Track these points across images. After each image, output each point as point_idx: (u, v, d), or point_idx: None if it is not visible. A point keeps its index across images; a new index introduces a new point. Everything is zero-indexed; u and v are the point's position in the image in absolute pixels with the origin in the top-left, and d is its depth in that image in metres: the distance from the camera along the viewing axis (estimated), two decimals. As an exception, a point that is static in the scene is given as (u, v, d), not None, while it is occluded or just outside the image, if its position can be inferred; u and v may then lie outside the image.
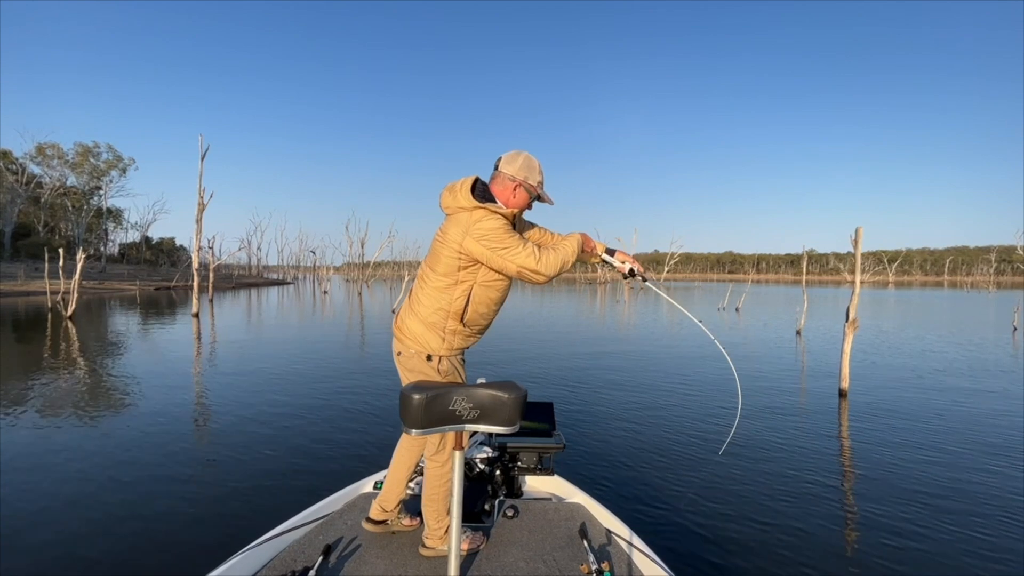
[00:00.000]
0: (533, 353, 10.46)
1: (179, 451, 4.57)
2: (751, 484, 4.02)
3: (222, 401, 6.35)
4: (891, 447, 4.97)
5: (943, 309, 25.66)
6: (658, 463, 4.47)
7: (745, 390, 7.18)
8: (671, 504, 3.66)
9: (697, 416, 5.96)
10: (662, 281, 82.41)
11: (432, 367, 1.96)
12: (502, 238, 1.84)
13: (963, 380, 8.26)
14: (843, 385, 7.05)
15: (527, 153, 2.01)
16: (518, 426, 1.50)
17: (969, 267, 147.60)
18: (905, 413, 6.19)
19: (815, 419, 5.92)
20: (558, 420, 2.92)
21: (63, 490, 3.74)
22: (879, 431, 5.48)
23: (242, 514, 3.39)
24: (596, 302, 29.67)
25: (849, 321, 7.16)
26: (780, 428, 5.51)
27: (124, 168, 57.05)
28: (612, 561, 2.01)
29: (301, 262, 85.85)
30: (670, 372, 8.67)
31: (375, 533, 2.18)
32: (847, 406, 6.52)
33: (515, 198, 2.00)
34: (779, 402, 6.68)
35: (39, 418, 5.52)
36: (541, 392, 6.95)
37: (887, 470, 4.40)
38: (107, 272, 44.64)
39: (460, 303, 1.94)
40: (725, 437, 5.14)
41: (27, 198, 48.35)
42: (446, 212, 1.99)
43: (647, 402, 6.59)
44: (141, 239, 64.59)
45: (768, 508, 3.61)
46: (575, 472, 4.08)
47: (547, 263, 1.86)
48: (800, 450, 4.84)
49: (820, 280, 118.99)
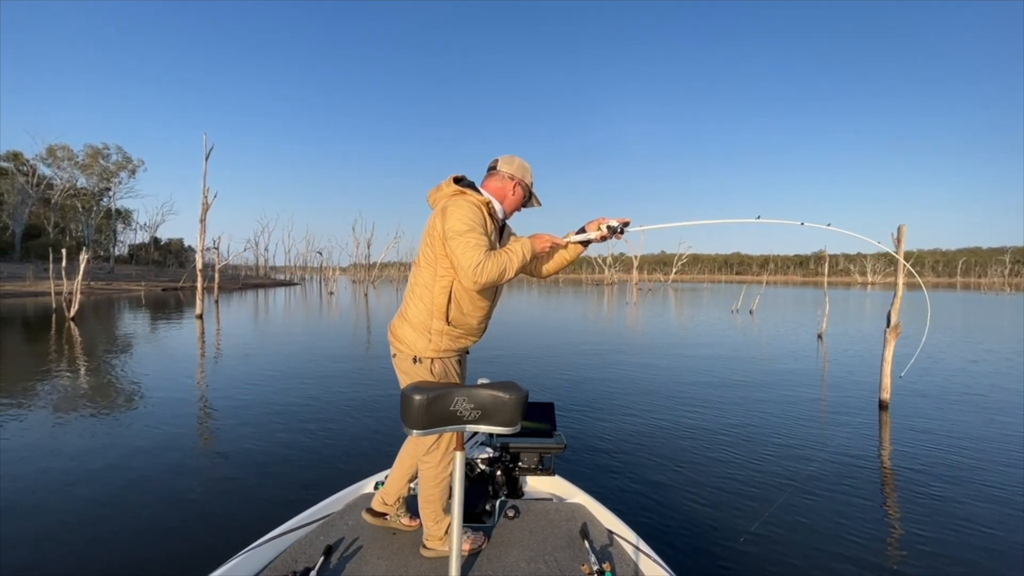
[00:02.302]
0: (535, 354, 10.44)
1: (179, 453, 4.56)
2: (755, 487, 3.98)
3: (222, 403, 6.33)
4: (934, 467, 4.44)
5: (966, 312, 25.00)
6: (659, 463, 4.44)
7: (765, 396, 6.97)
8: (673, 504, 3.64)
9: (699, 416, 5.91)
10: (670, 282, 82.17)
11: (422, 369, 1.96)
12: (462, 228, 1.83)
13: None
14: (883, 396, 6.44)
15: (521, 158, 2.12)
16: (519, 426, 1.51)
17: (983, 268, 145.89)
18: (957, 432, 5.44)
19: (848, 430, 5.48)
20: (559, 420, 2.92)
21: (61, 491, 3.72)
22: (921, 448, 4.96)
23: (243, 514, 3.39)
24: (603, 303, 29.46)
25: (891, 326, 6.54)
26: (799, 435, 5.33)
27: (133, 169, 57.73)
28: (613, 561, 2.00)
29: (308, 263, 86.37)
30: (673, 372, 8.61)
31: (376, 534, 2.17)
32: (888, 420, 5.94)
33: (513, 194, 2.08)
34: (802, 410, 6.32)
35: (35, 420, 5.49)
36: (542, 392, 6.93)
37: (923, 487, 4.01)
38: (115, 273, 45.05)
39: (442, 300, 1.93)
40: (727, 437, 5.11)
41: (38, 199, 48.90)
42: (432, 206, 2.05)
43: (648, 402, 6.54)
44: (150, 240, 65.15)
45: (771, 511, 3.57)
46: (576, 472, 4.06)
47: (486, 268, 1.80)
48: (818, 457, 4.70)
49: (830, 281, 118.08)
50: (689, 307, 27.06)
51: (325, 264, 68.83)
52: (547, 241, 2.05)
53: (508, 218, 2.15)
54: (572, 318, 19.38)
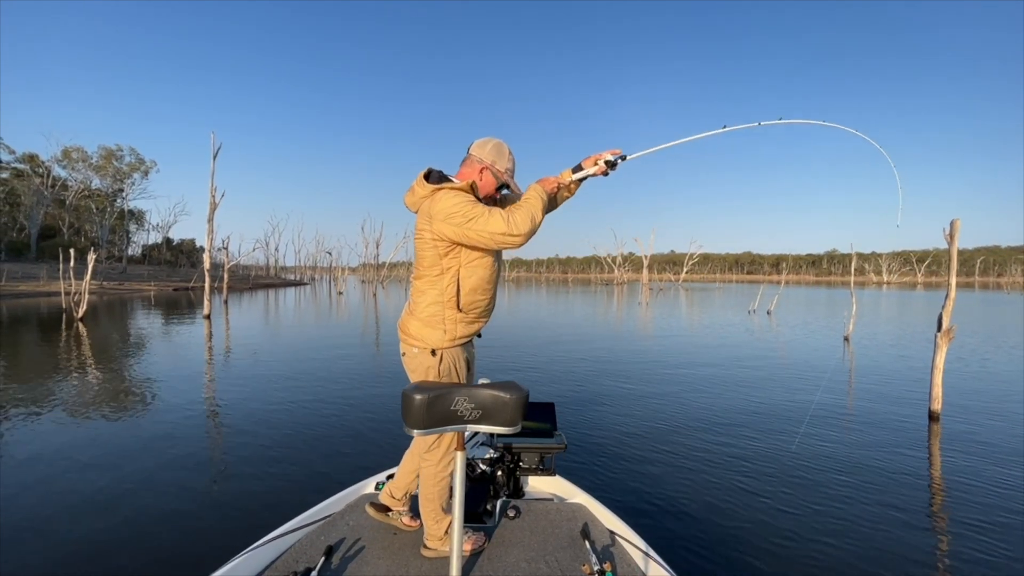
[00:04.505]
0: (537, 354, 10.37)
1: (179, 453, 4.54)
2: (760, 490, 3.92)
3: (223, 403, 6.32)
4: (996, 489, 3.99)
5: (999, 313, 23.03)
6: (660, 464, 4.40)
7: (784, 400, 6.73)
8: (674, 505, 3.60)
9: (700, 417, 5.85)
10: (681, 282, 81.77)
11: (436, 361, 1.98)
12: (466, 211, 1.83)
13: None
14: (934, 407, 5.94)
15: (499, 140, 2.04)
16: (519, 426, 1.51)
17: (1001, 268, 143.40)
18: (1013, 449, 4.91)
19: (890, 437, 5.18)
20: (559, 420, 2.91)
21: (61, 491, 3.73)
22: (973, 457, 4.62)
23: (244, 515, 3.40)
24: (613, 304, 29.02)
25: (943, 330, 5.99)
26: (819, 442, 5.11)
27: (146, 170, 58.55)
28: (614, 562, 1.99)
29: (317, 263, 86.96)
30: (684, 375, 8.53)
31: (377, 534, 2.17)
32: (939, 432, 5.46)
33: (481, 181, 2.01)
34: (825, 415, 6.06)
35: (34, 421, 5.48)
36: (542, 392, 6.90)
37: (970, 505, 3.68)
38: (128, 273, 45.61)
39: (451, 290, 1.96)
40: (732, 439, 5.05)
41: (53, 200, 49.66)
42: (413, 210, 2.04)
43: (649, 402, 6.48)
44: (162, 240, 65.92)
45: (772, 511, 3.52)
46: (577, 472, 4.05)
47: (517, 222, 1.82)
48: (834, 463, 4.54)
49: (843, 281, 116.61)
50: (703, 308, 26.25)
51: (334, 264, 69.29)
52: (552, 183, 2.04)
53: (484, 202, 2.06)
54: (581, 321, 18.96)
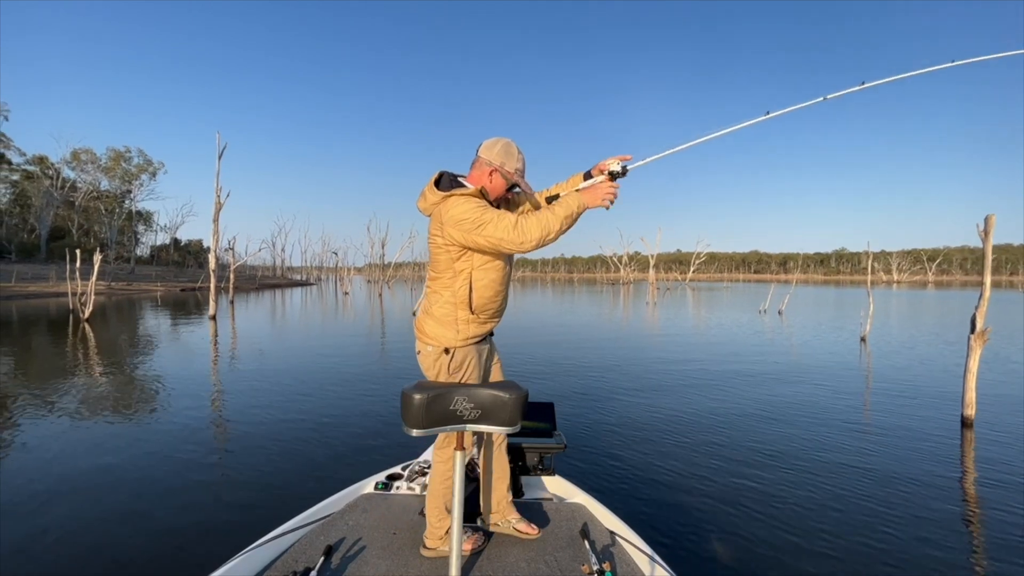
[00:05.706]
0: (538, 355, 10.34)
1: (179, 453, 4.54)
2: (761, 490, 3.89)
3: (225, 404, 6.33)
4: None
5: (1020, 313, 21.87)
6: (660, 464, 4.38)
7: (798, 405, 6.45)
8: (674, 505, 3.58)
9: (701, 417, 5.81)
10: (687, 281, 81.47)
11: (449, 359, 2.02)
12: (476, 217, 1.86)
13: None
14: (967, 412, 5.65)
15: (507, 140, 2.04)
16: (519, 426, 1.51)
17: (1014, 266, 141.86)
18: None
19: (917, 445, 4.93)
20: (559, 420, 2.90)
21: (61, 492, 3.74)
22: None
23: (244, 514, 3.40)
24: (620, 304, 28.70)
25: (977, 332, 5.66)
26: (828, 446, 4.97)
27: (154, 172, 59.04)
28: (614, 562, 1.98)
29: (324, 263, 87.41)
30: (691, 374, 8.48)
31: (376, 534, 2.17)
32: (972, 439, 5.17)
33: (491, 183, 2.02)
34: (835, 414, 5.96)
35: (35, 420, 5.49)
36: (543, 392, 6.88)
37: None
38: (136, 273, 46.01)
39: (464, 292, 1.99)
40: (733, 439, 5.02)
41: (62, 202, 50.16)
42: (425, 215, 2.07)
43: (650, 403, 6.45)
44: (170, 241, 66.42)
45: (774, 513, 3.50)
46: (576, 472, 4.05)
47: (526, 229, 1.82)
48: (845, 468, 4.42)
49: (852, 280, 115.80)
50: (711, 307, 25.84)
51: (340, 264, 69.61)
52: (598, 197, 1.90)
53: (495, 204, 2.07)
54: (586, 321, 18.73)
